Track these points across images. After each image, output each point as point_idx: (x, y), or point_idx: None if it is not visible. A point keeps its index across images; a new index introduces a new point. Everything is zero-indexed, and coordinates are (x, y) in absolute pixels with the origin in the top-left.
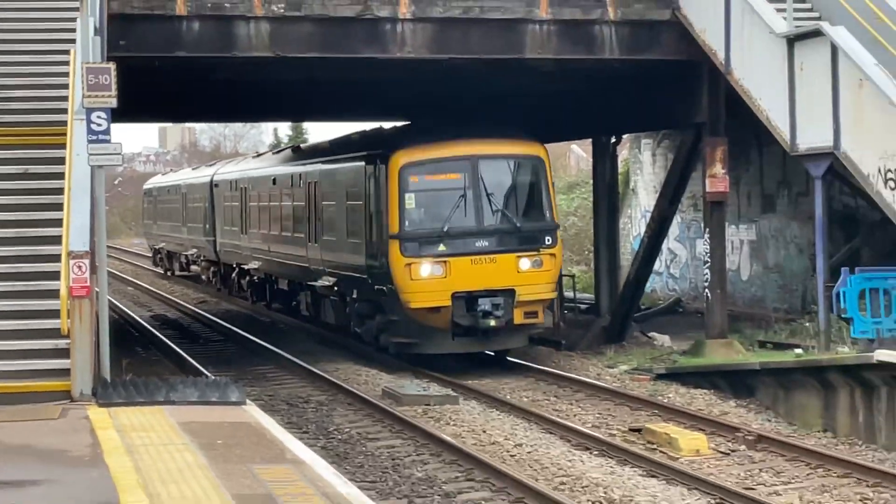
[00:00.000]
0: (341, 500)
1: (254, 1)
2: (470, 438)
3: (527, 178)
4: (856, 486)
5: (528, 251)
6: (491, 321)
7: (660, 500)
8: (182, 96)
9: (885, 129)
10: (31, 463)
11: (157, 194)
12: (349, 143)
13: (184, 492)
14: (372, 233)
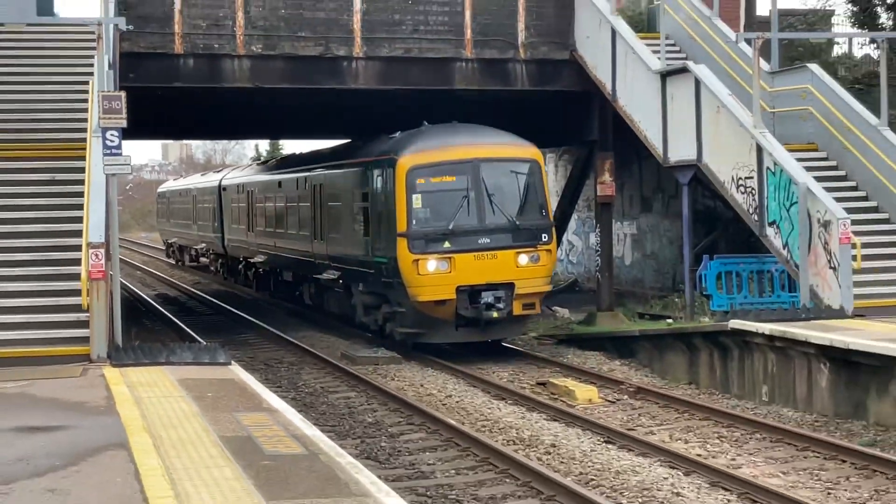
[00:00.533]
0: (306, 441)
1: (237, 42)
2: (410, 391)
3: (524, 180)
4: (713, 427)
5: (526, 247)
6: (494, 313)
7: (560, 438)
8: (180, 118)
9: (736, 145)
10: (57, 412)
11: (170, 197)
12: (353, 148)
13: (180, 434)
14: (380, 231)
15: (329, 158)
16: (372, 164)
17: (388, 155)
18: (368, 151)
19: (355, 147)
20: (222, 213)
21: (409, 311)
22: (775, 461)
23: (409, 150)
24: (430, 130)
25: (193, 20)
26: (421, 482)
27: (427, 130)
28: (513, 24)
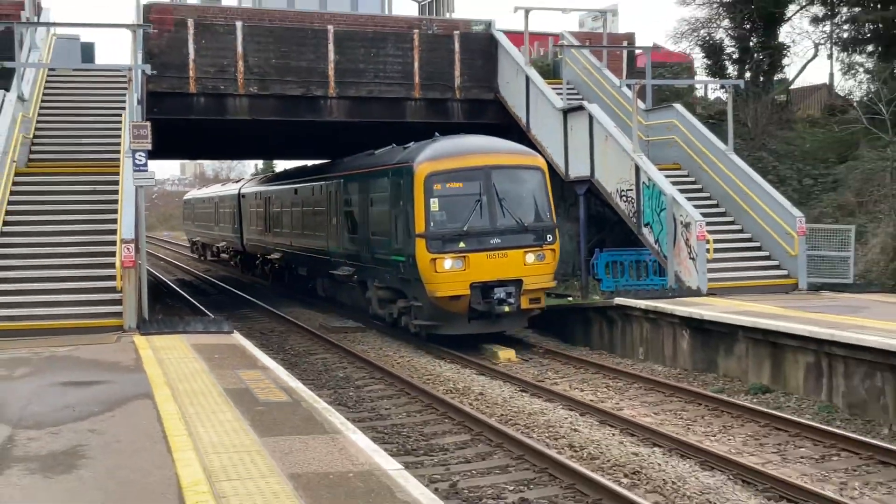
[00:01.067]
0: (291, 391)
1: (238, 85)
2: (372, 353)
3: (531, 185)
4: (602, 379)
5: (533, 247)
6: (505, 307)
7: (486, 388)
8: (194, 143)
9: (620, 165)
10: (97, 370)
11: (194, 203)
12: (367, 158)
13: (193, 386)
14: (398, 232)
15: (343, 168)
16: (390, 171)
17: (406, 163)
18: (384, 160)
19: (368, 157)
20: (241, 216)
21: (426, 305)
22: (649, 404)
23: (427, 158)
24: (444, 141)
25: (204, 67)
26: (379, 422)
27: (440, 141)
28: (451, 73)
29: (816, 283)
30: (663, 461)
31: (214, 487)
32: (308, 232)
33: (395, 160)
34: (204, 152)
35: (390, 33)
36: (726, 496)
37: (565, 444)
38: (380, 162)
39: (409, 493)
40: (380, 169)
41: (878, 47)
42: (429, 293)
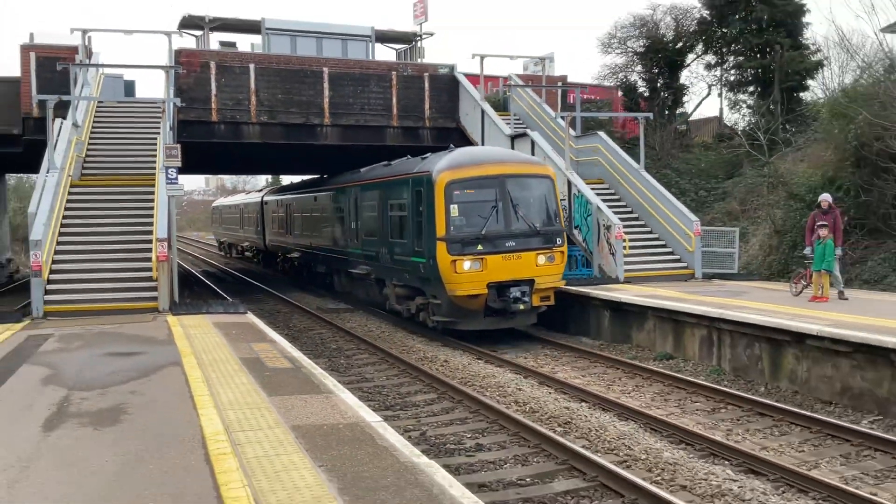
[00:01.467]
0: (294, 360)
1: (251, 114)
2: (359, 329)
3: (542, 193)
4: (542, 349)
5: (544, 249)
6: (520, 305)
7: (450, 357)
8: (215, 161)
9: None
10: (138, 343)
11: (222, 210)
12: (385, 169)
13: (215, 356)
14: (419, 235)
15: (361, 178)
16: (411, 180)
17: (427, 172)
18: (403, 170)
19: (385, 168)
20: (264, 220)
21: (445, 303)
22: (578, 369)
23: (447, 167)
24: (460, 152)
25: (223, 101)
26: (364, 384)
27: (457, 152)
28: (422, 106)
29: (709, 273)
30: (589, 413)
31: (231, 436)
32: (327, 234)
33: (415, 169)
34: (224, 168)
35: (373, 74)
36: (638, 440)
37: (512, 400)
38: (398, 171)
39: (387, 440)
40: (399, 177)
41: (758, 88)
42: (448, 292)
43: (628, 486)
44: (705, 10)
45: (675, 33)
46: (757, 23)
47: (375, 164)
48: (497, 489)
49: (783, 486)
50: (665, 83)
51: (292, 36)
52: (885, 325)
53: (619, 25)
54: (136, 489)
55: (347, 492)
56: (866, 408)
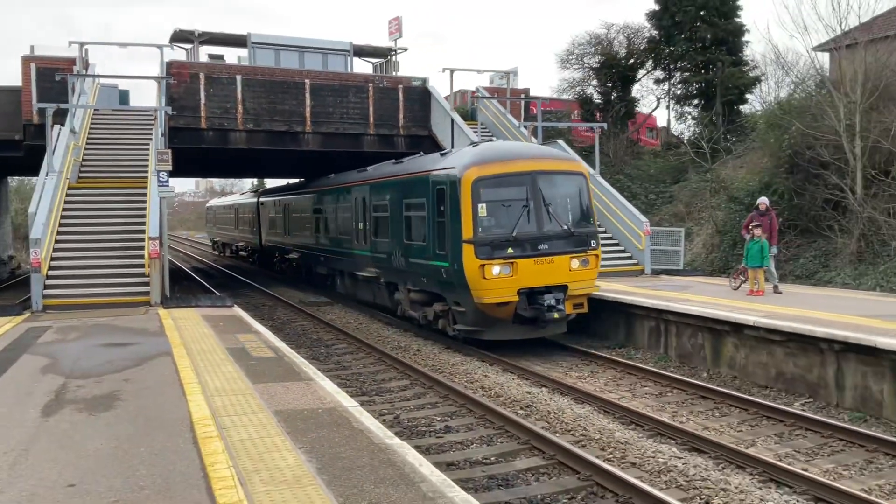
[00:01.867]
0: (277, 349)
1: (238, 122)
2: (338, 321)
3: (575, 191)
4: None
5: (577, 252)
6: (554, 314)
7: (422, 346)
8: (204, 165)
9: None
10: (131, 334)
11: (216, 210)
12: (396, 166)
13: (203, 346)
14: (442, 237)
15: (370, 176)
16: (431, 178)
17: (451, 168)
18: (421, 166)
19: (396, 165)
20: (260, 221)
21: (470, 311)
22: (538, 355)
23: (474, 164)
24: (487, 146)
25: (212, 109)
26: (343, 372)
27: (483, 146)
28: (396, 116)
29: (657, 269)
30: (549, 398)
31: (218, 421)
32: (331, 235)
33: (436, 166)
34: (212, 172)
35: (352, 86)
36: (592, 422)
37: (478, 386)
38: (415, 169)
39: (363, 423)
40: (417, 175)
41: (701, 101)
42: (475, 299)
43: (583, 463)
44: (654, 29)
45: (627, 51)
46: (701, 41)
47: (383, 161)
48: (464, 467)
49: (723, 463)
50: (618, 96)
51: (276, 50)
52: (815, 316)
53: (576, 42)
54: (128, 469)
55: (325, 471)
56: (798, 391)
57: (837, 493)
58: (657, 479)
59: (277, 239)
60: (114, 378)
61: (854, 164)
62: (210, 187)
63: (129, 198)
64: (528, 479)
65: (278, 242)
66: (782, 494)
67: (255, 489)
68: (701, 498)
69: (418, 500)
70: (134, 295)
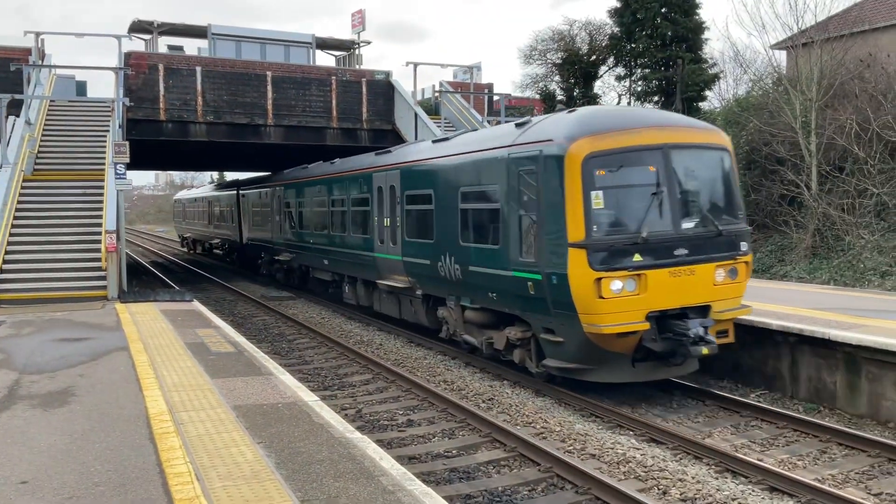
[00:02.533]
0: (237, 344)
1: (197, 114)
2: (300, 315)
3: (718, 172)
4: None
5: (725, 260)
6: (703, 349)
7: (385, 341)
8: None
9: None
10: (87, 329)
11: (185, 203)
12: (455, 142)
13: (161, 341)
14: (529, 238)
15: (402, 159)
16: (511, 156)
17: (546, 141)
18: (492, 142)
19: (444, 144)
20: (241, 215)
21: (573, 341)
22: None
23: (584, 133)
24: (597, 111)
25: (171, 101)
26: (304, 367)
27: (590, 110)
28: (359, 109)
29: None
30: (510, 391)
31: (175, 416)
32: (340, 233)
33: (518, 140)
34: (172, 165)
35: (314, 79)
36: (552, 413)
37: (441, 380)
38: (481, 145)
39: (323, 417)
40: (486, 154)
41: (661, 97)
42: (585, 326)
43: (544, 455)
44: (616, 26)
45: (589, 47)
46: (661, 38)
47: (413, 141)
48: (426, 461)
49: (680, 454)
50: (581, 92)
51: (237, 41)
52: (771, 309)
53: (539, 38)
54: (82, 465)
55: (284, 466)
56: (755, 383)
57: (791, 482)
58: (616, 471)
59: (264, 236)
60: (69, 373)
61: (809, 161)
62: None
63: (86, 190)
64: (490, 471)
65: (265, 241)
66: (738, 484)
67: (213, 484)
68: (659, 488)
69: (378, 493)
70: (90, 289)
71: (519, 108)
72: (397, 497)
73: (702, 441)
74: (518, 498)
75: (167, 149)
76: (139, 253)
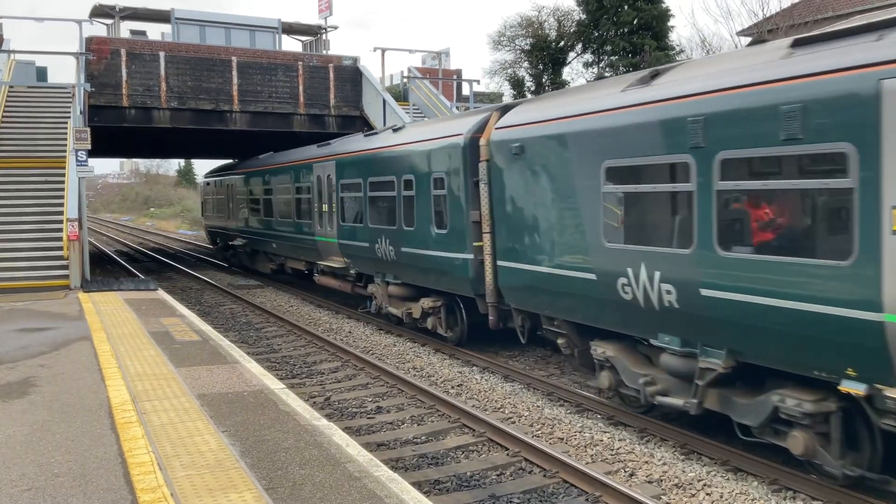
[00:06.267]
0: (203, 333)
1: (161, 100)
2: (268, 304)
3: None
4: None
5: None
6: None
7: (354, 328)
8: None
9: None
10: (49, 319)
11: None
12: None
13: (124, 331)
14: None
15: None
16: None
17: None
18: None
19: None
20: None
21: None
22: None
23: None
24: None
25: (134, 86)
26: (272, 355)
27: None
28: (327, 95)
29: None
30: (479, 376)
31: (138, 405)
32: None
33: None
34: (136, 152)
35: (280, 64)
36: (521, 398)
37: (410, 367)
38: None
39: (289, 405)
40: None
41: None
42: None
43: (512, 440)
44: (583, 13)
45: (557, 34)
46: (627, 26)
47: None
48: (395, 447)
49: (647, 437)
50: (550, 78)
51: (201, 26)
52: None
53: (507, 24)
54: (42, 456)
55: (249, 454)
56: None
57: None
58: (584, 454)
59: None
60: (29, 364)
61: None
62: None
63: (47, 178)
64: (459, 456)
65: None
66: (703, 466)
67: (175, 474)
68: (626, 470)
69: (344, 480)
70: (53, 279)
71: (489, 94)
72: (363, 483)
73: (667, 424)
74: (487, 482)
75: (131, 136)
76: (104, 242)
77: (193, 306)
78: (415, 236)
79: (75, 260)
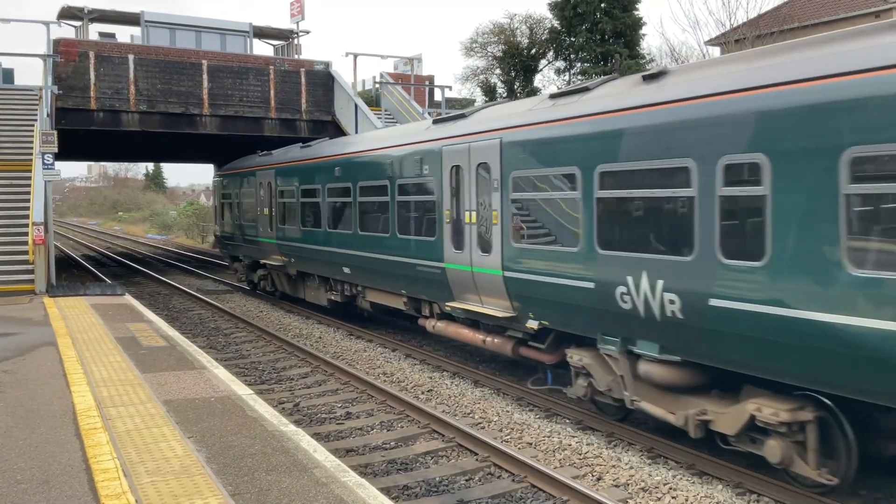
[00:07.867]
0: (170, 338)
1: (130, 103)
2: (238, 309)
3: None
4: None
5: None
6: None
7: (324, 333)
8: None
9: None
10: (13, 324)
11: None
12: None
13: (89, 336)
14: None
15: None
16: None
17: None
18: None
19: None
20: None
21: None
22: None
23: None
24: None
25: (103, 89)
26: (241, 361)
27: None
28: (298, 100)
29: None
30: (450, 381)
31: (103, 411)
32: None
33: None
34: (105, 156)
35: (252, 68)
36: (491, 403)
37: (380, 372)
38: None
39: (257, 411)
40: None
41: None
42: None
43: (481, 445)
44: (556, 20)
45: (529, 41)
46: (601, 34)
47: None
48: (363, 453)
49: (615, 441)
50: (521, 85)
51: (171, 29)
52: None
53: (479, 31)
54: (3, 463)
55: (215, 460)
56: None
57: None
58: (552, 458)
59: None
60: None
61: None
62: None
63: (12, 181)
64: (428, 462)
65: None
66: (669, 469)
67: (140, 480)
68: (593, 474)
69: (311, 485)
70: (17, 283)
71: (460, 99)
72: (330, 489)
73: (634, 429)
74: (455, 487)
75: (99, 139)
76: (70, 246)
77: (161, 311)
78: None
79: (41, 264)
